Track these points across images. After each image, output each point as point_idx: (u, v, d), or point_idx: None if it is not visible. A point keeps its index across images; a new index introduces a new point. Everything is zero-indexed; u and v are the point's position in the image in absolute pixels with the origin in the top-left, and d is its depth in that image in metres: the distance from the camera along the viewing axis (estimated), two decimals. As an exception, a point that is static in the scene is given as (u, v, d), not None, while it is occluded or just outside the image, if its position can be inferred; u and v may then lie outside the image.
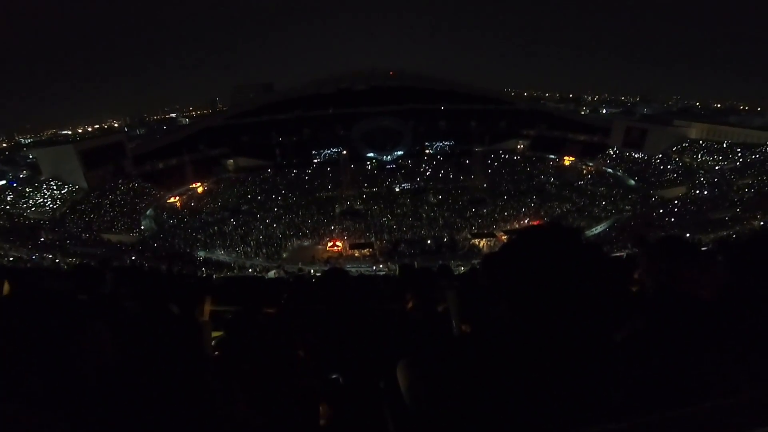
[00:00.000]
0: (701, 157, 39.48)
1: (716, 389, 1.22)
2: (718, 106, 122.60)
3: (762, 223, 24.30)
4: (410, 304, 3.12)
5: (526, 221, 34.29)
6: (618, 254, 21.33)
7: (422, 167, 50.22)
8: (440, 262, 25.10)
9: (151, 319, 2.41)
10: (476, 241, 30.89)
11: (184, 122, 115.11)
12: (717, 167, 37.13)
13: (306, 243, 32.96)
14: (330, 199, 42.17)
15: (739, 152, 37.37)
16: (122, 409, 1.13)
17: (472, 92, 61.74)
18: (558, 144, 52.71)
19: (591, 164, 47.51)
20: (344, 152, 46.00)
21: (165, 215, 39.41)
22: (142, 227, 36.39)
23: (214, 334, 2.81)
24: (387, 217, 37.00)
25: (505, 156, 52.99)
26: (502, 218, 35.43)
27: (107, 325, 1.21)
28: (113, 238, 32.00)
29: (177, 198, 43.37)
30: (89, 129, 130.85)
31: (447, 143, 55.54)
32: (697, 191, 34.76)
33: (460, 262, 25.17)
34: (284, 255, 30.42)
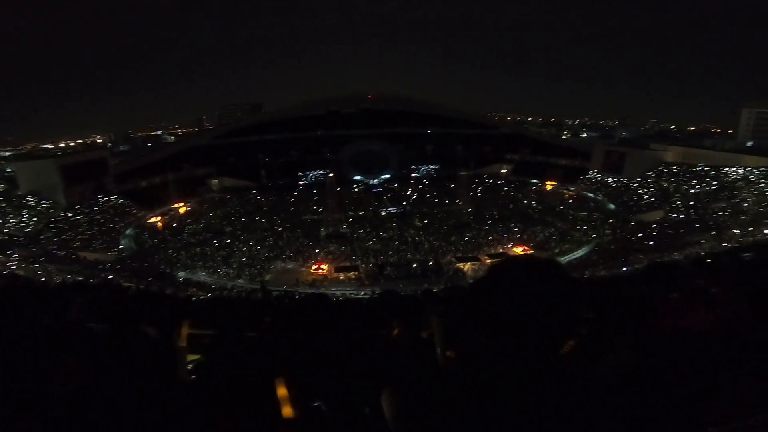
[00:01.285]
0: (677, 180, 40.84)
1: (709, 418, 1.22)
2: (693, 129, 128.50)
3: (736, 245, 25.03)
4: (396, 331, 3.08)
5: (509, 246, 34.70)
6: (601, 275, 21.70)
7: (408, 191, 50.70)
8: (426, 285, 25.03)
9: (123, 343, 2.31)
10: (461, 265, 31.01)
11: (169, 140, 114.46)
12: (692, 191, 38.41)
13: (290, 265, 32.65)
14: (316, 221, 41.98)
15: (713, 175, 38.77)
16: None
17: (458, 116, 63.26)
18: (540, 168, 54.09)
19: (572, 189, 48.72)
20: (331, 175, 46.10)
21: (146, 235, 38.52)
22: (121, 246, 35.41)
23: (192, 357, 2.70)
24: (373, 241, 36.96)
25: (489, 180, 54.04)
26: (486, 243, 35.77)
27: (76, 354, 1.16)
28: (90, 256, 31.01)
29: (159, 217, 42.52)
30: (72, 144, 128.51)
31: (433, 167, 56.39)
32: (674, 215, 35.83)
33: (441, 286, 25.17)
34: (267, 277, 29.94)
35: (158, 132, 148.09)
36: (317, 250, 34.78)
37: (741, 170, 37.15)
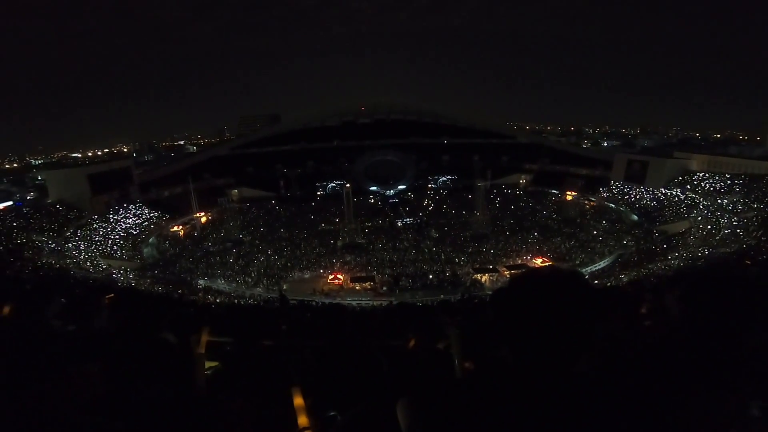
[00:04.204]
0: (702, 189, 39.33)
1: None
2: (718, 136, 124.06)
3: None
4: (412, 342, 3.06)
5: (529, 257, 34.09)
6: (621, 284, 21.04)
7: (425, 202, 50.58)
8: (442, 296, 24.82)
9: (143, 350, 2.36)
10: (479, 276, 30.60)
11: (191, 150, 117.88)
12: (718, 200, 36.82)
13: (307, 275, 32.93)
14: (332, 232, 42.26)
15: (739, 183, 37.01)
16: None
17: (474, 127, 63.05)
18: (560, 179, 53.16)
19: (593, 199, 47.67)
20: (347, 185, 46.45)
21: (167, 243, 39.53)
22: (144, 254, 36.37)
23: (210, 364, 2.74)
24: (389, 251, 36.95)
25: (507, 191, 53.47)
26: (504, 254, 35.27)
27: (99, 364, 1.18)
28: (114, 263, 31.95)
29: (180, 227, 43.58)
30: (98, 153, 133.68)
31: (449, 178, 56.18)
32: (700, 226, 34.42)
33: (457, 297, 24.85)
34: (285, 287, 30.28)
35: (181, 142, 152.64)
36: (333, 261, 34.98)
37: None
